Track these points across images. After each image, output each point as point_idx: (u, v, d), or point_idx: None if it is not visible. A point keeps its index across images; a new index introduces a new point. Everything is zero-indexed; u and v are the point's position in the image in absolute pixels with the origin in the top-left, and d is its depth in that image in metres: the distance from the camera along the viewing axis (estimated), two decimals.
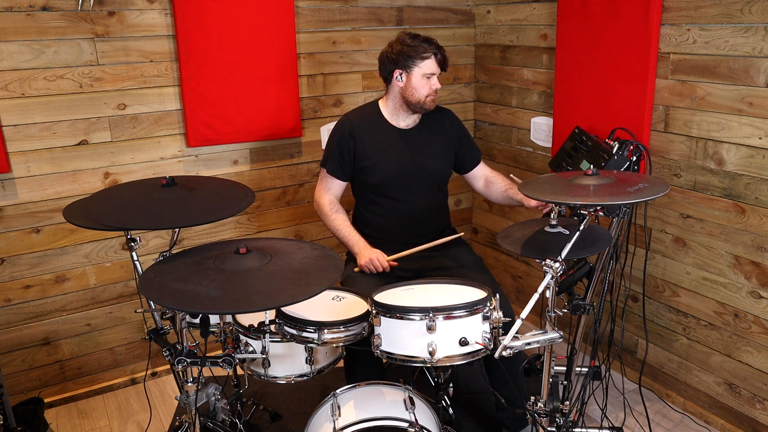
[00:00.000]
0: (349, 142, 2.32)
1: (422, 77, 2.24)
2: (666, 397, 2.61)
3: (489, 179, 2.49)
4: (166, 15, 2.51)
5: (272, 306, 1.55)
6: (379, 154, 2.32)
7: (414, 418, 1.73)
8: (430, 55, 2.23)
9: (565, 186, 1.76)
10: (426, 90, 2.26)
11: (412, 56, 2.23)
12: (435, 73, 2.25)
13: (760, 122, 2.08)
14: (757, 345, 2.24)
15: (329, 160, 2.36)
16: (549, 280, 1.64)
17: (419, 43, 2.23)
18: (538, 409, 1.88)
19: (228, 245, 1.64)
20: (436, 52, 2.24)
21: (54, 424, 2.53)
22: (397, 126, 2.36)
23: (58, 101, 2.40)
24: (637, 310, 2.65)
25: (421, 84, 2.25)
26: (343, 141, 2.32)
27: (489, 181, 2.48)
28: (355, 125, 2.33)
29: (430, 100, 2.28)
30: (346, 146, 2.32)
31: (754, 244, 2.18)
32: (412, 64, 2.24)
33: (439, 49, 2.25)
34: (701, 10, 2.17)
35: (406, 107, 2.31)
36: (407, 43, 2.24)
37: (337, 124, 2.38)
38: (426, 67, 2.23)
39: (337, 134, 2.35)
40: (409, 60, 2.24)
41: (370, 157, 2.32)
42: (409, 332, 1.66)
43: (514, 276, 3.37)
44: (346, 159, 2.33)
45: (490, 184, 2.48)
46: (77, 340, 2.66)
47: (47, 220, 2.49)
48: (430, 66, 2.24)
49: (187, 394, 1.76)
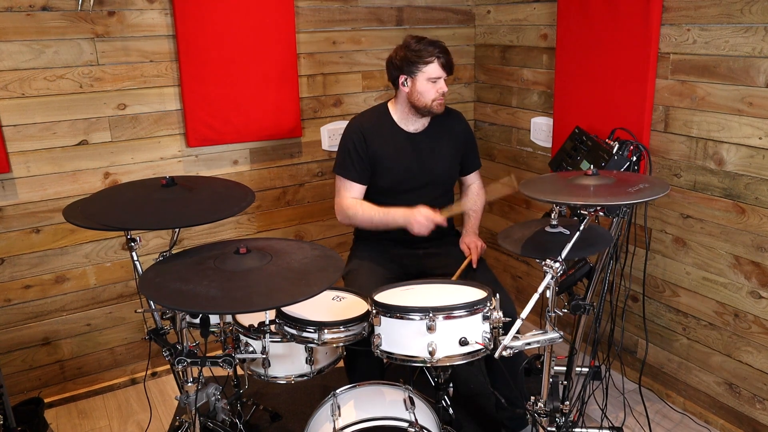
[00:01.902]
0: (362, 145, 2.30)
1: (427, 81, 2.22)
2: (666, 397, 2.61)
3: (470, 189, 2.54)
4: (166, 15, 2.51)
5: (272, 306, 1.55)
6: (389, 158, 2.31)
7: (414, 418, 1.72)
8: (433, 59, 2.19)
9: (565, 186, 1.76)
10: (432, 94, 2.24)
11: (415, 61, 2.21)
12: (440, 77, 2.22)
13: (760, 122, 2.08)
14: (757, 345, 2.24)
15: (346, 167, 2.32)
16: (549, 280, 1.64)
17: (423, 48, 2.20)
18: (538, 409, 1.88)
19: (228, 245, 1.64)
20: (440, 56, 2.20)
21: (54, 424, 2.53)
22: (407, 129, 2.35)
23: (58, 101, 2.40)
24: (637, 310, 2.65)
25: (427, 88, 2.23)
26: (357, 145, 2.30)
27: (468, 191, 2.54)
28: (366, 129, 2.32)
29: (437, 104, 2.26)
30: (361, 149, 2.30)
31: (754, 244, 2.18)
32: (415, 69, 2.22)
33: (444, 52, 2.22)
34: (701, 10, 2.17)
35: (415, 111, 2.30)
36: (411, 48, 2.22)
37: (347, 128, 2.37)
38: (430, 71, 2.21)
39: (349, 139, 2.33)
40: (412, 65, 2.21)
41: (379, 160, 2.32)
42: (409, 332, 1.66)
43: (514, 276, 3.37)
44: (364, 162, 2.31)
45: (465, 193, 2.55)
46: (77, 340, 2.66)
47: (47, 220, 2.49)
48: (434, 70, 2.21)
49: (187, 394, 1.76)
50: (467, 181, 2.55)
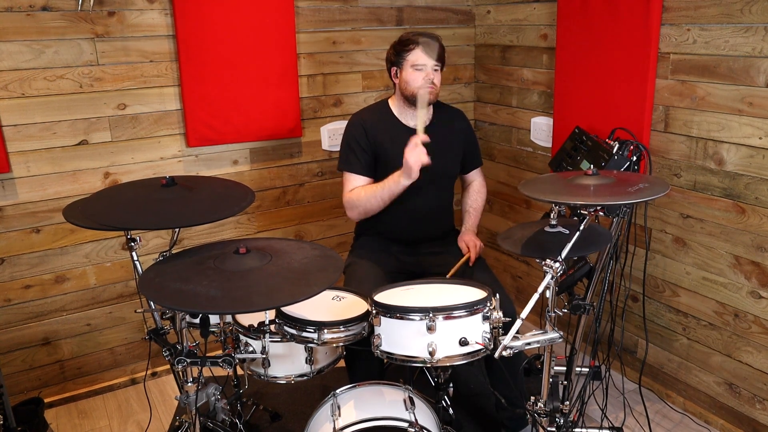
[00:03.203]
0: (364, 138, 2.32)
1: (412, 69, 2.25)
2: (666, 397, 2.61)
3: (472, 187, 2.55)
4: (166, 15, 2.51)
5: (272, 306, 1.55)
6: (390, 152, 2.32)
7: (414, 418, 1.72)
8: (413, 45, 2.23)
9: (565, 186, 1.76)
10: (418, 81, 2.24)
11: (400, 51, 2.27)
12: (424, 63, 2.24)
13: (760, 122, 2.08)
14: (757, 345, 2.24)
15: (350, 161, 2.33)
16: (549, 280, 1.64)
17: (407, 37, 2.26)
18: (538, 409, 1.88)
19: (228, 245, 1.64)
20: (421, 42, 2.22)
21: (54, 424, 2.53)
22: (407, 124, 2.36)
23: (58, 101, 2.40)
24: (637, 310, 2.65)
25: (413, 77, 2.25)
26: (359, 138, 2.32)
27: (469, 188, 2.55)
28: (367, 123, 2.34)
29: (424, 92, 2.24)
30: (363, 142, 2.31)
31: (754, 244, 2.18)
32: (401, 59, 2.27)
33: (430, 38, 2.23)
34: (701, 10, 2.17)
35: (408, 103, 2.32)
36: (399, 40, 2.28)
37: (349, 124, 2.38)
38: (413, 58, 2.24)
39: (352, 133, 2.34)
40: (398, 56, 2.27)
41: (381, 154, 2.32)
42: (409, 332, 1.66)
43: (514, 276, 3.37)
44: (367, 152, 2.32)
45: (467, 190, 2.56)
46: (77, 340, 2.66)
47: (47, 220, 2.49)
48: (417, 55, 2.24)
49: (187, 394, 1.76)
50: (468, 179, 2.56)
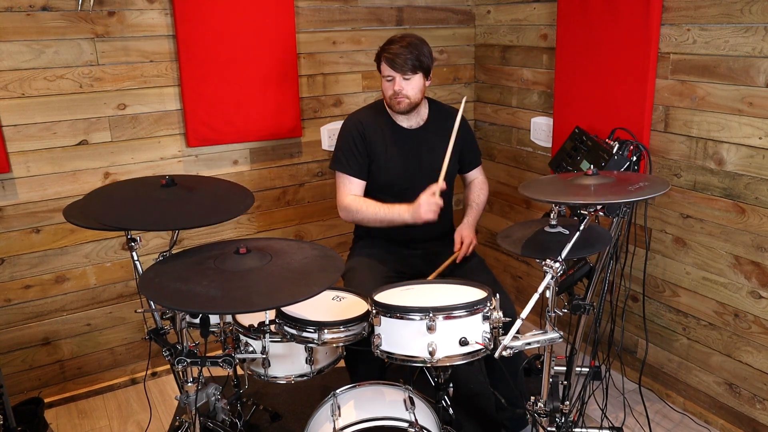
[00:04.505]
0: (361, 140, 2.31)
1: (384, 80, 2.26)
2: (666, 397, 2.61)
3: (474, 183, 2.55)
4: (166, 15, 2.51)
5: (272, 306, 1.55)
6: (387, 153, 2.32)
7: (414, 418, 1.72)
8: (383, 56, 2.23)
9: (565, 186, 1.76)
10: (388, 92, 2.26)
11: (376, 58, 2.27)
12: (392, 75, 2.22)
13: (760, 122, 2.08)
14: (757, 345, 2.24)
15: (346, 163, 2.32)
16: (549, 280, 1.64)
17: (383, 46, 2.25)
18: (538, 409, 1.88)
19: (228, 245, 1.64)
20: (386, 54, 2.20)
21: (54, 424, 2.53)
22: (402, 125, 2.36)
23: (58, 101, 2.40)
24: (637, 310, 2.65)
25: (385, 86, 2.28)
26: (355, 139, 2.31)
27: (471, 185, 2.55)
28: (364, 124, 2.33)
29: (395, 102, 2.26)
30: (359, 143, 2.31)
31: (754, 244, 2.18)
32: (378, 67, 2.28)
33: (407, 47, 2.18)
34: (701, 10, 2.17)
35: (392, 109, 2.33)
36: (380, 46, 2.26)
37: (345, 124, 2.37)
38: (382, 68, 2.25)
39: (347, 134, 2.34)
40: (377, 63, 2.28)
41: (378, 155, 2.32)
42: (409, 332, 1.66)
43: (514, 276, 3.37)
44: (362, 156, 2.31)
45: (469, 186, 2.56)
46: (77, 340, 2.66)
47: (47, 220, 2.49)
48: (384, 68, 2.24)
49: (187, 394, 1.76)
50: (469, 177, 2.55)
